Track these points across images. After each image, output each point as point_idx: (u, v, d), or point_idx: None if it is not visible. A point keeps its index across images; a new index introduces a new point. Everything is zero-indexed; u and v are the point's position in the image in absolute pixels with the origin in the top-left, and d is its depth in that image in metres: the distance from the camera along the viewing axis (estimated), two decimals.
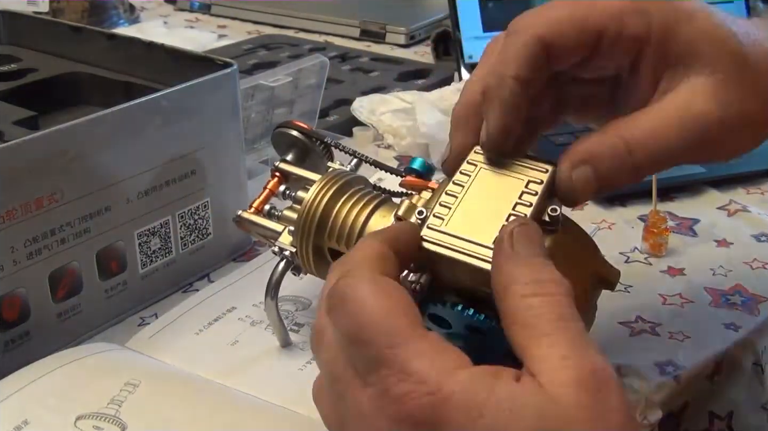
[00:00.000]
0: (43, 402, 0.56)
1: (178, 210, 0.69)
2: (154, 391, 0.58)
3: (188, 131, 0.69)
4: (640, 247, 0.78)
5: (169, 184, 0.68)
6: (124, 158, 0.64)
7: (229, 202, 0.73)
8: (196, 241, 0.72)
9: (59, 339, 0.63)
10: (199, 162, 0.70)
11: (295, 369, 0.63)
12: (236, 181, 0.74)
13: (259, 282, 0.64)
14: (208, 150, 0.70)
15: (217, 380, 0.61)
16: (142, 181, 0.66)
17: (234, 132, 0.73)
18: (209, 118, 0.70)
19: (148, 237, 0.68)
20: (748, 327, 0.68)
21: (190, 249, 0.72)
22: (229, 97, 0.71)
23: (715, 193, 0.88)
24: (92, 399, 0.56)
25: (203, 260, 0.73)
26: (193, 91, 0.68)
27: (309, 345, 0.62)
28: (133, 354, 0.64)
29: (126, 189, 0.65)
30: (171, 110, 0.67)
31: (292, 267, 0.62)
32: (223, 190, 0.73)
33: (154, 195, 0.67)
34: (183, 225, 0.70)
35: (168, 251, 0.70)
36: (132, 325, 0.68)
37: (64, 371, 0.59)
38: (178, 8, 1.55)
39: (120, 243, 0.66)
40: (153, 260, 0.69)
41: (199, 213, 0.71)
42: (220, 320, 0.68)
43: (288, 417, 0.58)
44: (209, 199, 0.72)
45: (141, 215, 0.67)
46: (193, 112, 0.69)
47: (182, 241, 0.71)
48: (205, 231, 0.72)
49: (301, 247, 0.60)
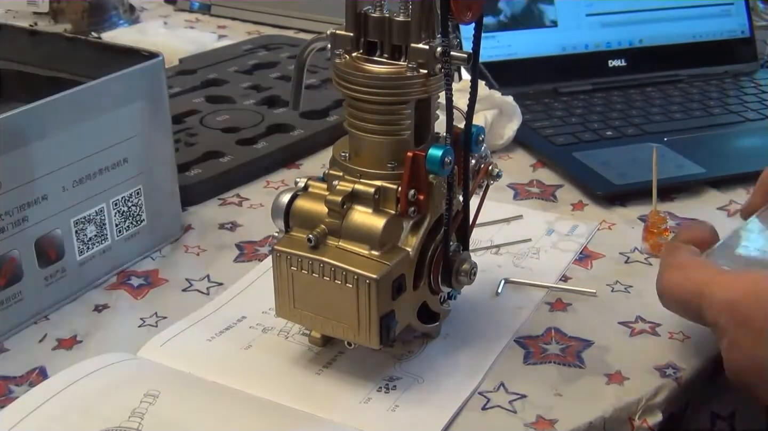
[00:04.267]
0: (65, 420, 0.56)
1: (112, 197, 0.72)
2: (174, 401, 0.58)
3: (119, 120, 0.71)
4: (640, 247, 0.78)
5: (103, 172, 0.70)
6: (57, 148, 0.66)
7: (160, 188, 0.76)
8: (131, 227, 0.74)
9: (1, 327, 0.65)
10: (131, 150, 0.72)
11: (312, 373, 0.63)
12: (167, 168, 0.77)
13: (266, 289, 0.64)
14: (138, 138, 0.73)
15: (234, 386, 0.61)
16: (77, 170, 0.68)
17: (163, 120, 0.75)
18: (138, 107, 0.72)
19: (84, 224, 0.70)
20: None
21: (125, 236, 0.74)
22: (156, 86, 0.74)
23: (715, 193, 0.88)
24: (113, 413, 0.56)
25: (138, 246, 0.76)
26: (121, 81, 0.70)
27: (323, 352, 0.64)
28: (149, 364, 0.64)
29: (61, 178, 0.67)
30: (101, 100, 0.69)
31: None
32: (154, 177, 0.75)
33: (88, 183, 0.69)
34: (117, 212, 0.72)
35: (104, 238, 0.72)
36: (132, 326, 0.68)
37: (81, 385, 0.59)
38: (178, 8, 1.55)
39: (57, 231, 0.68)
40: (90, 247, 0.71)
41: (133, 200, 0.73)
42: (231, 328, 0.68)
43: (308, 420, 0.58)
44: (141, 186, 0.74)
45: (76, 203, 0.69)
46: (123, 102, 0.71)
47: (117, 228, 0.73)
48: (138, 218, 0.74)
49: None
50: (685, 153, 0.93)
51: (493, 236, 0.80)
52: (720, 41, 1.19)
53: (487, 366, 0.63)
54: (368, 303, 0.57)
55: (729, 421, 0.69)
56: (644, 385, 0.61)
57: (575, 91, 1.10)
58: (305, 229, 0.60)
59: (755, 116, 1.04)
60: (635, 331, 0.67)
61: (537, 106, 1.06)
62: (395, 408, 0.59)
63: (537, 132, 0.99)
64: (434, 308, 0.64)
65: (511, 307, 0.70)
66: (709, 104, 1.07)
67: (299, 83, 0.65)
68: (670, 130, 1.00)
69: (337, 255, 0.59)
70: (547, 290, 0.72)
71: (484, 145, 0.64)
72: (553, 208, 0.86)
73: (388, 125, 0.59)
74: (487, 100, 0.95)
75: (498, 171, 0.65)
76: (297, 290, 0.60)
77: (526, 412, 0.59)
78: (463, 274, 0.63)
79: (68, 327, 0.68)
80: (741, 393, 0.60)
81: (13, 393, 0.60)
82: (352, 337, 0.59)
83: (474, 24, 0.58)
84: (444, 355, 0.64)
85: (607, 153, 0.95)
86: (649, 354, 0.65)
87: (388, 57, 0.59)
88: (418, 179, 0.59)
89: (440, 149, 0.58)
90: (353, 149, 0.61)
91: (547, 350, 0.65)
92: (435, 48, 0.57)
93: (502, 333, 0.67)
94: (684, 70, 1.16)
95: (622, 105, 1.06)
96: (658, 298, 0.69)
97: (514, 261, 0.76)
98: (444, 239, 0.61)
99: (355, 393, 0.61)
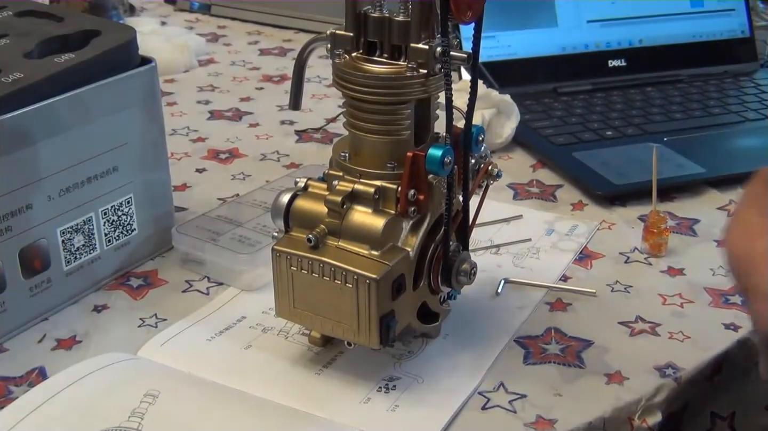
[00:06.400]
0: (65, 420, 0.56)
1: (101, 206, 0.70)
2: (174, 401, 0.58)
3: (109, 128, 0.69)
4: (640, 247, 0.78)
5: (91, 180, 0.68)
6: (44, 156, 0.65)
7: (153, 197, 0.74)
8: (121, 237, 0.72)
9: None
10: (122, 158, 0.70)
11: (312, 373, 0.63)
12: (161, 177, 0.75)
13: (265, 290, 0.64)
14: (130, 146, 0.71)
15: (234, 386, 0.61)
16: (64, 179, 0.66)
17: (156, 128, 0.74)
18: (130, 114, 0.71)
19: (71, 234, 0.68)
20: (748, 327, 0.67)
21: (115, 245, 0.72)
22: (149, 93, 0.72)
23: (715, 193, 0.88)
24: (113, 413, 0.56)
25: (128, 256, 0.74)
26: (113, 87, 0.68)
27: (323, 352, 0.63)
28: (149, 364, 0.64)
29: (47, 187, 0.65)
30: (91, 107, 0.67)
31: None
32: (147, 185, 0.73)
33: (75, 192, 0.67)
34: (107, 222, 0.70)
35: (92, 248, 0.70)
36: (132, 326, 0.68)
37: (81, 385, 0.59)
38: (178, 8, 1.55)
39: (43, 241, 0.66)
40: (77, 257, 0.69)
41: (123, 209, 0.71)
42: (231, 328, 0.68)
43: (308, 420, 0.58)
44: (132, 195, 0.72)
45: (63, 212, 0.67)
46: (114, 109, 0.69)
47: (106, 238, 0.71)
48: (129, 228, 0.73)
49: None
50: (685, 153, 0.93)
51: (493, 236, 0.80)
52: (720, 41, 1.19)
53: (487, 366, 0.63)
54: (368, 303, 0.57)
55: (729, 421, 0.69)
56: (644, 385, 0.61)
57: (575, 91, 1.10)
58: (305, 229, 0.60)
59: (755, 116, 1.04)
60: (635, 331, 0.67)
61: (537, 106, 1.06)
62: (395, 408, 0.59)
63: (537, 132, 0.99)
64: (434, 308, 0.64)
65: (511, 307, 0.70)
66: (709, 104, 1.07)
67: (299, 83, 0.65)
68: (670, 130, 1.00)
69: (336, 256, 0.58)
70: (547, 290, 0.72)
71: (484, 144, 0.64)
72: (553, 208, 0.86)
73: (387, 125, 0.59)
74: (485, 99, 0.95)
75: (498, 171, 0.65)
76: (297, 290, 0.60)
77: (526, 412, 0.59)
78: (463, 274, 0.63)
79: (68, 327, 0.68)
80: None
81: (12, 393, 0.60)
82: (352, 337, 0.59)
83: (474, 24, 0.58)
84: (444, 355, 0.64)
85: (607, 153, 0.95)
86: (649, 354, 0.65)
87: (388, 57, 0.59)
88: (417, 179, 0.59)
89: (440, 149, 0.58)
90: (353, 149, 0.61)
91: (547, 350, 0.65)
92: (435, 48, 0.57)
93: (502, 333, 0.67)
94: (684, 70, 1.16)
95: (622, 105, 1.06)
96: (659, 297, 0.69)
97: (514, 261, 0.76)
98: (444, 239, 0.61)
99: (355, 393, 0.60)
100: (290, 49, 1.34)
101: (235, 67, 1.26)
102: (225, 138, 1.02)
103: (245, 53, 1.33)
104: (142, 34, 0.80)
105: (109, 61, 0.70)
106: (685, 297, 0.71)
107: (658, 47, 1.16)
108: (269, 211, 0.66)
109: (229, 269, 0.72)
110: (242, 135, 1.03)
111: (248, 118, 1.08)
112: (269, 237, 0.64)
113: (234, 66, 1.27)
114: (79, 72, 0.67)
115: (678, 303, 0.71)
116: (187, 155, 0.97)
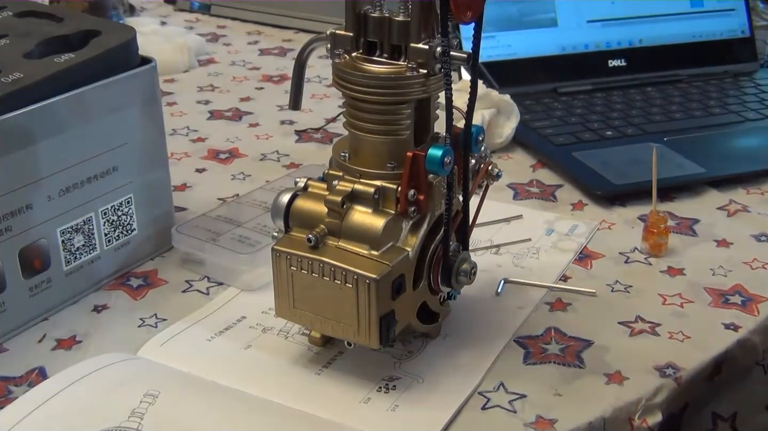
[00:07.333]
0: (64, 419, 0.56)
1: (101, 206, 0.70)
2: (174, 401, 0.58)
3: (109, 128, 0.69)
4: (640, 247, 0.78)
5: (91, 180, 0.68)
6: (44, 156, 0.65)
7: (153, 197, 0.74)
8: (121, 237, 0.72)
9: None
10: (122, 158, 0.70)
11: (312, 373, 0.62)
12: (161, 176, 0.75)
13: (265, 290, 0.64)
14: (130, 146, 0.71)
15: (233, 386, 0.61)
16: (64, 179, 0.66)
17: (156, 128, 0.74)
18: (130, 114, 0.71)
19: (71, 234, 0.68)
20: (748, 327, 0.68)
21: (115, 245, 0.72)
22: (149, 93, 0.72)
23: (715, 193, 0.88)
24: (113, 413, 0.56)
25: (128, 256, 0.74)
26: (112, 87, 0.68)
27: (323, 352, 0.63)
28: (149, 364, 0.64)
29: (46, 187, 0.65)
30: (91, 107, 0.67)
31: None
32: (147, 185, 0.73)
33: (75, 192, 0.67)
34: (107, 222, 0.70)
35: (92, 248, 0.70)
36: (132, 326, 0.68)
37: (81, 385, 0.59)
38: (178, 8, 1.55)
39: (43, 241, 0.66)
40: (77, 257, 0.69)
41: (123, 209, 0.72)
42: (231, 328, 0.68)
43: (308, 420, 0.58)
44: (132, 194, 0.72)
45: (63, 212, 0.67)
46: (114, 109, 0.69)
47: (106, 238, 0.71)
48: (129, 227, 0.73)
49: None
50: (685, 153, 0.93)
51: (493, 236, 0.80)
52: (720, 41, 1.19)
53: (487, 366, 0.63)
54: (368, 303, 0.57)
55: (731, 422, 0.69)
56: (644, 385, 0.61)
57: (575, 91, 1.10)
58: (305, 229, 0.60)
59: (755, 116, 1.04)
60: (635, 331, 0.67)
61: (537, 105, 1.06)
62: (395, 407, 0.59)
63: (537, 132, 0.99)
64: (434, 308, 0.64)
65: (511, 307, 0.70)
66: (708, 104, 1.07)
67: (299, 83, 0.65)
68: (670, 129, 1.00)
69: (336, 256, 0.59)
70: (546, 290, 0.72)
71: (484, 144, 0.64)
72: (552, 207, 0.86)
73: (387, 125, 0.59)
74: (485, 99, 0.95)
75: (498, 171, 0.65)
76: (297, 290, 0.60)
77: (526, 412, 0.59)
78: (463, 274, 0.63)
79: (67, 327, 0.68)
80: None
81: (12, 393, 0.60)
82: (352, 337, 0.59)
83: (474, 24, 0.58)
84: (444, 355, 0.64)
85: (607, 153, 0.95)
86: (649, 354, 0.64)
87: (388, 57, 0.59)
88: (417, 179, 0.59)
89: (440, 149, 0.58)
90: (353, 149, 0.61)
91: (546, 350, 0.65)
92: (435, 48, 0.57)
93: (502, 333, 0.67)
94: (684, 69, 1.16)
95: (622, 105, 1.07)
96: (659, 297, 0.69)
97: (514, 261, 0.76)
98: (444, 239, 0.61)
99: (355, 393, 0.60)
100: (290, 49, 1.34)
101: (235, 67, 1.26)
102: (225, 138, 1.02)
103: (245, 53, 1.33)
104: (142, 34, 0.81)
105: (109, 61, 0.69)
106: (685, 297, 0.71)
107: (658, 47, 1.16)
108: (269, 211, 0.66)
109: (229, 269, 0.72)
110: (242, 135, 1.03)
111: (248, 118, 1.08)
112: (269, 237, 0.64)
113: (234, 66, 1.27)
114: (79, 72, 0.67)
115: (678, 303, 0.71)
116: (187, 155, 0.97)
